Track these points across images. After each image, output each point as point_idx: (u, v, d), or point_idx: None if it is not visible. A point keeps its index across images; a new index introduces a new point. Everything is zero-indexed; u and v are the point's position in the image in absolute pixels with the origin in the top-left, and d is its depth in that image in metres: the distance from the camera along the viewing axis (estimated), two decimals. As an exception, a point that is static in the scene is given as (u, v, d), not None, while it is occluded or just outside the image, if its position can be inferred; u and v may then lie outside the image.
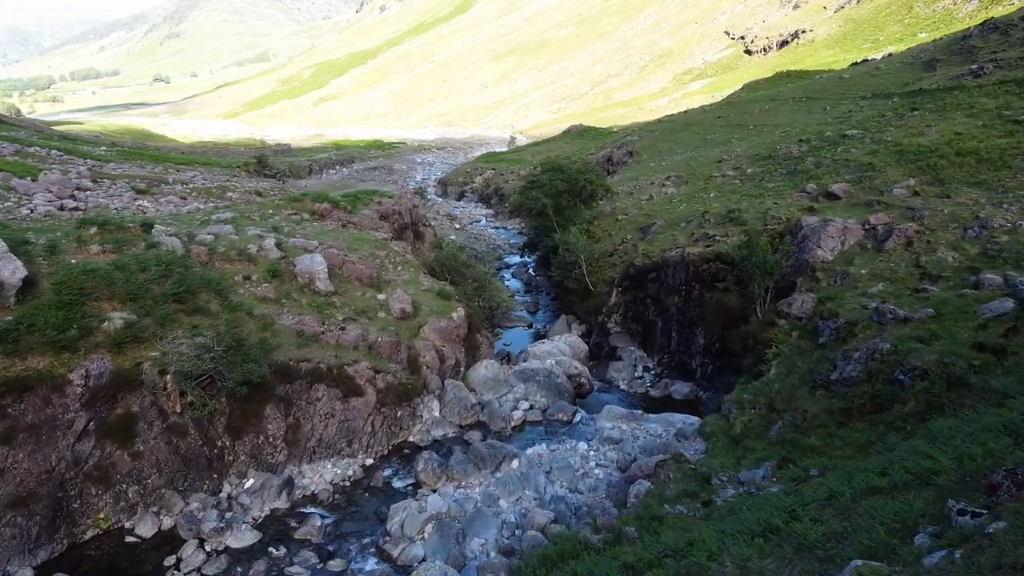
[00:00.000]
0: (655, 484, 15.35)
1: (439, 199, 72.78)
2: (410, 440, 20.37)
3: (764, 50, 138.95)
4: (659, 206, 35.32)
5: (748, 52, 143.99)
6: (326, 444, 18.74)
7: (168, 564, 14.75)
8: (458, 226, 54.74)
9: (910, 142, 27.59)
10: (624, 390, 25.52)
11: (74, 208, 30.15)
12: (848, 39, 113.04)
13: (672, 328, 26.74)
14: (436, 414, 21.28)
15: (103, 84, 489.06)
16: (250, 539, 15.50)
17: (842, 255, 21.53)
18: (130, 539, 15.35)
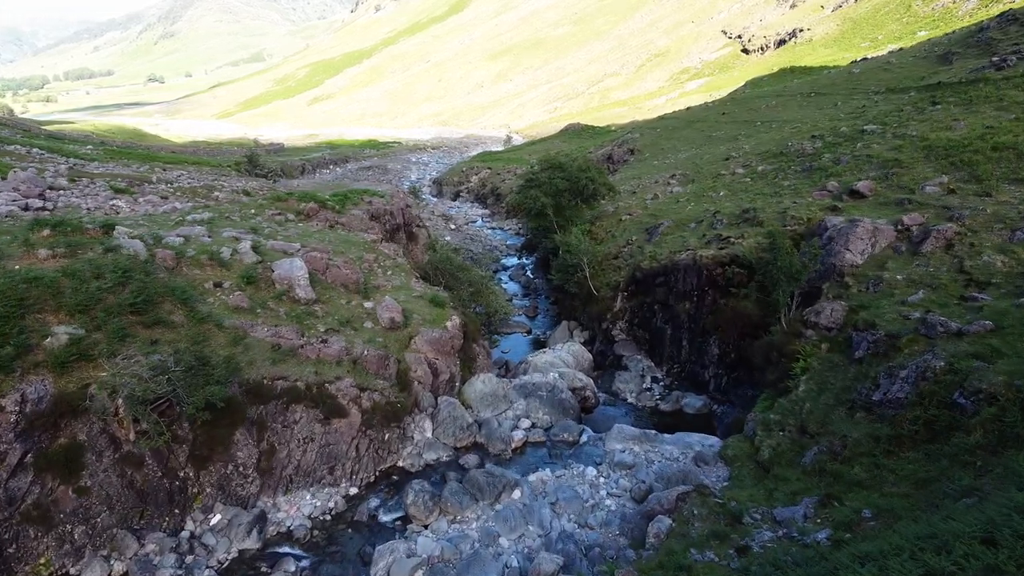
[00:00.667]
0: (677, 522, 13.44)
1: (434, 199, 70.90)
2: (399, 465, 18.28)
3: (761, 49, 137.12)
4: (665, 206, 33.42)
5: (745, 51, 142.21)
6: (304, 472, 16.71)
7: (117, 619, 12.75)
8: (453, 227, 52.91)
9: (938, 136, 25.71)
10: (632, 403, 23.79)
11: (40, 208, 28.05)
12: (846, 38, 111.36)
13: (683, 336, 24.89)
14: (428, 435, 19.24)
15: (97, 84, 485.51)
16: (213, 587, 13.50)
17: (873, 259, 19.64)
18: (75, 588, 13.34)
